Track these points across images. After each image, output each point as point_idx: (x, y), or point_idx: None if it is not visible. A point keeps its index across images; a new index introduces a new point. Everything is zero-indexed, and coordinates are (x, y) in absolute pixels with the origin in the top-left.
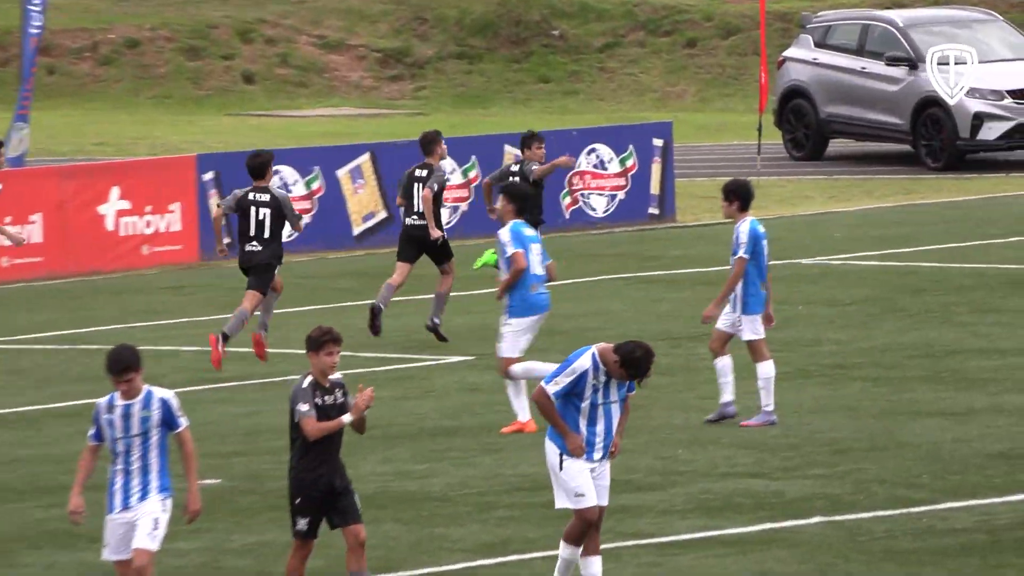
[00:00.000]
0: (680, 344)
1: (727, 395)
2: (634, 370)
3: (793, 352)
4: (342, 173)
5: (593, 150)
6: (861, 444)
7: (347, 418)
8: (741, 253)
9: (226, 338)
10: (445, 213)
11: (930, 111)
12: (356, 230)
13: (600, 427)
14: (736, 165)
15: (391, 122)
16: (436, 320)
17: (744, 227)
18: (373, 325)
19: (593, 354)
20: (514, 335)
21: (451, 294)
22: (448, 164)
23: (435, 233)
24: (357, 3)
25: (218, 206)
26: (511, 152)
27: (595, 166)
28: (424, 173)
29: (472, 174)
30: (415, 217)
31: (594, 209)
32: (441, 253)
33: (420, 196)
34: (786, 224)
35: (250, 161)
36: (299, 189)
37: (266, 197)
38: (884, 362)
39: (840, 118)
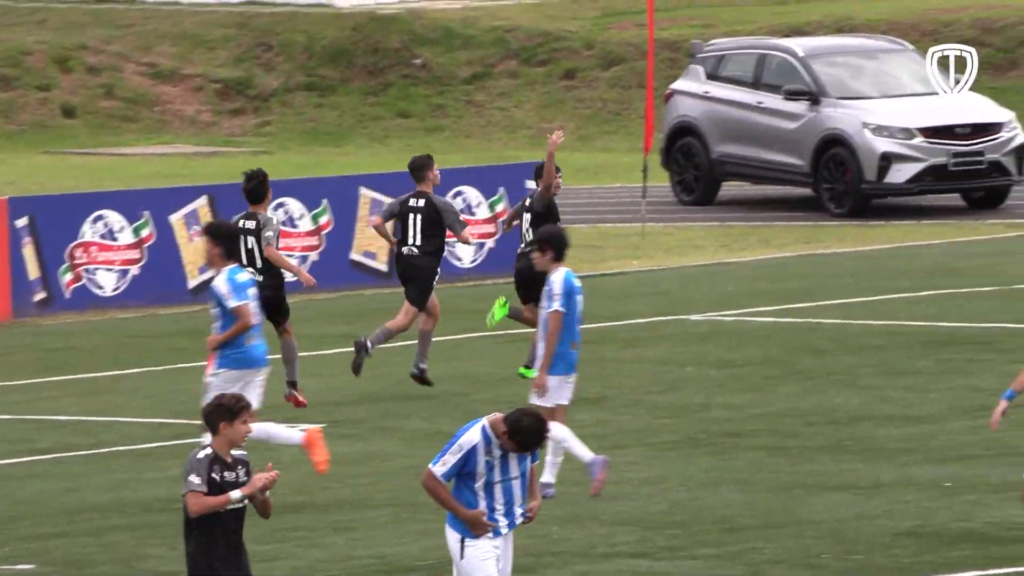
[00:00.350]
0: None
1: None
2: (523, 440)
3: (681, 418)
4: (175, 218)
5: (459, 193)
6: (755, 521)
7: (236, 494)
8: (556, 306)
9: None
10: (294, 262)
11: (833, 151)
12: (192, 283)
13: (500, 507)
14: (618, 210)
15: (232, 161)
16: (422, 366)
17: (558, 277)
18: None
19: (483, 427)
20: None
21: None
22: (296, 208)
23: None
24: (192, 27)
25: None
26: (368, 195)
27: (461, 211)
28: (421, 203)
29: (323, 219)
30: (411, 247)
31: (459, 259)
32: (424, 290)
33: (419, 230)
34: (674, 276)
35: (244, 184)
36: (126, 236)
37: (252, 224)
38: (782, 430)
39: (734, 158)
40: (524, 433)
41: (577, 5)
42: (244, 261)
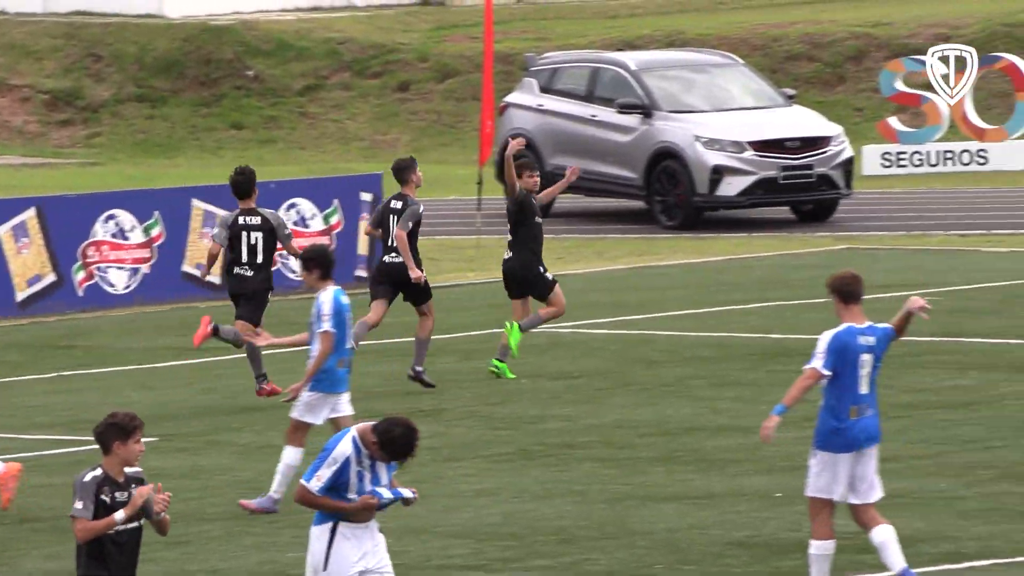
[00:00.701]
0: None
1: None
2: (393, 450)
3: (516, 430)
4: (3, 230)
5: (293, 205)
6: (589, 532)
7: (120, 515)
8: (326, 327)
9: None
10: (123, 275)
11: (665, 164)
12: (20, 295)
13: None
14: (454, 222)
15: (61, 173)
16: (418, 368)
17: (327, 297)
18: None
19: (353, 437)
20: None
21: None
22: (127, 220)
23: (415, 274)
24: (20, 37)
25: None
26: (201, 207)
27: (295, 223)
28: (399, 205)
29: (155, 231)
30: (392, 254)
31: (293, 271)
32: (420, 294)
33: (394, 233)
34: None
35: (232, 177)
36: None
37: (256, 220)
38: (615, 441)
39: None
40: (395, 442)
41: (411, 17)
42: (244, 257)
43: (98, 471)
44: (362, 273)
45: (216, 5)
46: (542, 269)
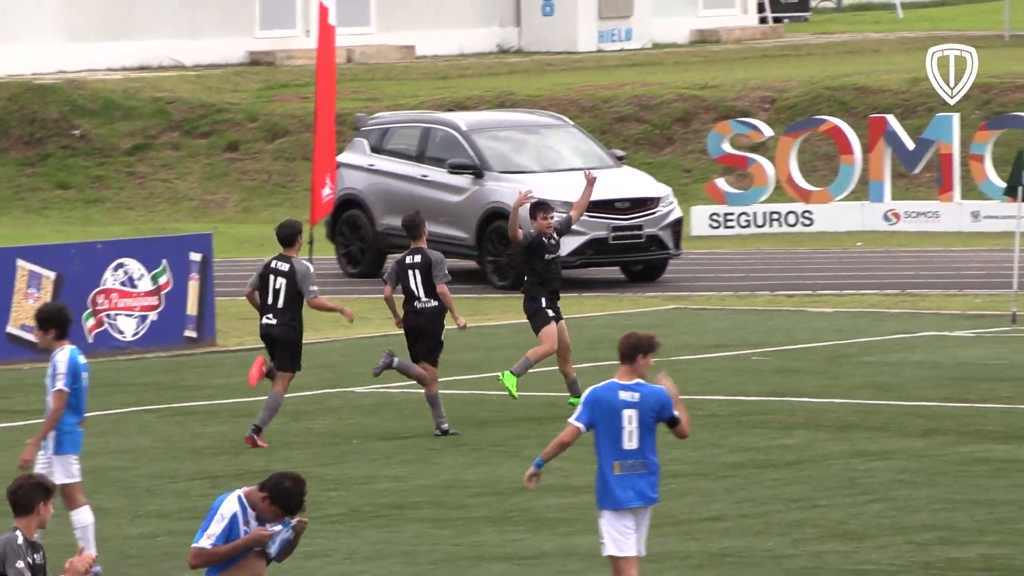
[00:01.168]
0: (220, 484)
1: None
2: (285, 503)
3: (347, 491)
4: None
5: (121, 265)
6: None
7: None
8: (60, 385)
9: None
10: None
11: (496, 224)
12: None
13: None
14: None
15: None
16: (443, 425)
17: (63, 357)
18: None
19: (239, 496)
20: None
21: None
22: None
23: (462, 321)
24: None
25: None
26: (26, 268)
27: (123, 283)
28: (418, 259)
29: None
30: (422, 302)
31: (122, 332)
32: (435, 350)
33: (420, 284)
34: (339, 348)
35: (279, 230)
36: None
37: (285, 267)
38: (447, 501)
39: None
40: (287, 496)
41: (239, 77)
42: (269, 300)
43: (18, 533)
44: (192, 333)
45: (41, 64)
46: (543, 304)
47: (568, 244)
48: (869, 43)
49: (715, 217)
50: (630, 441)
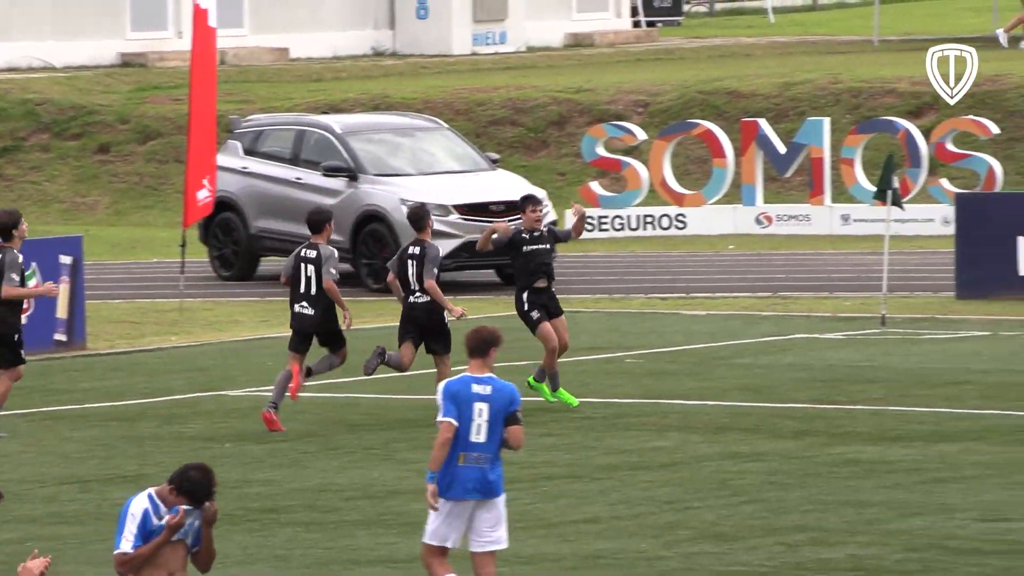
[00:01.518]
0: (91, 488)
1: None
2: (193, 493)
3: (219, 495)
4: None
5: None
6: None
7: None
8: None
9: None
10: None
11: (371, 227)
12: None
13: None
14: (156, 285)
15: None
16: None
17: None
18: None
19: (148, 494)
20: None
21: None
22: None
23: (457, 311)
24: None
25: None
26: None
27: None
28: (417, 251)
29: None
30: (418, 295)
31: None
32: (445, 342)
33: (415, 276)
34: (213, 351)
35: (308, 216)
36: None
37: (313, 254)
38: (319, 505)
39: (273, 233)
40: (194, 485)
41: (111, 79)
42: (301, 288)
43: None
44: (61, 337)
45: None
46: (526, 305)
47: (444, 247)
48: (741, 47)
49: (589, 220)
50: (478, 434)
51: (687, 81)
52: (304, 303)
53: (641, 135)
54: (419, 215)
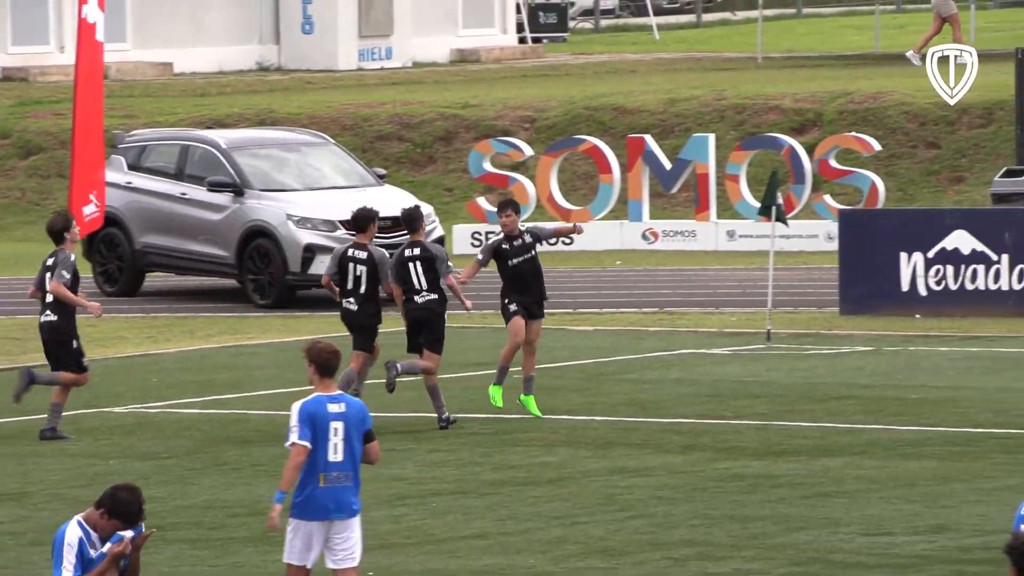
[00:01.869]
0: None
1: None
2: (125, 514)
3: None
4: None
5: None
6: None
7: None
8: None
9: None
10: None
11: (257, 242)
12: None
13: None
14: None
15: None
16: (444, 414)
17: None
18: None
19: (78, 521)
20: None
21: None
22: None
23: (468, 303)
24: None
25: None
26: None
27: None
28: (417, 251)
29: None
30: (424, 295)
31: None
32: (440, 339)
33: (419, 276)
34: (98, 368)
35: (354, 216)
36: None
37: (363, 255)
38: (206, 522)
39: (158, 249)
40: (125, 506)
41: None
42: (350, 286)
43: None
44: None
45: None
46: (506, 301)
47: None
48: (627, 64)
49: (477, 236)
50: (335, 453)
51: (573, 97)
52: (351, 299)
53: (528, 151)
54: (413, 216)
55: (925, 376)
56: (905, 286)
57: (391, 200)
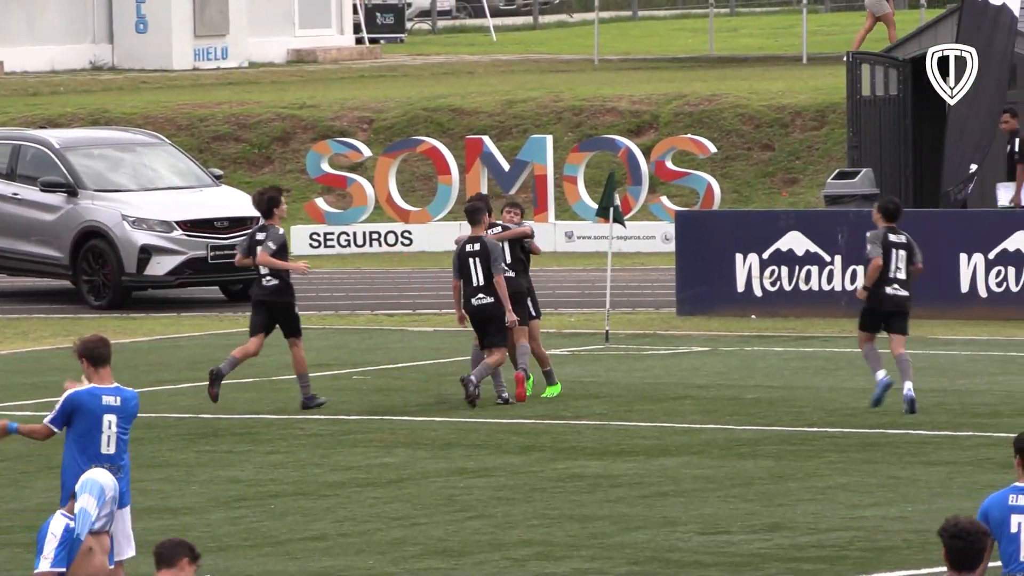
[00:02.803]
0: None
1: None
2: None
3: None
4: None
5: None
6: None
7: None
8: None
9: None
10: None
11: (92, 243)
12: None
13: None
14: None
15: None
16: (504, 394)
17: None
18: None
19: (62, 513)
20: None
21: None
22: None
23: (510, 318)
24: None
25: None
26: None
27: None
28: (477, 247)
29: None
30: (482, 296)
31: None
32: (504, 332)
33: (478, 273)
34: None
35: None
36: None
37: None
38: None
39: None
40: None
41: None
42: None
43: None
44: None
45: None
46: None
47: (167, 263)
48: (464, 65)
49: (315, 237)
50: (108, 446)
51: (411, 98)
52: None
53: (366, 152)
54: (474, 208)
55: (760, 376)
56: (741, 287)
57: (228, 201)
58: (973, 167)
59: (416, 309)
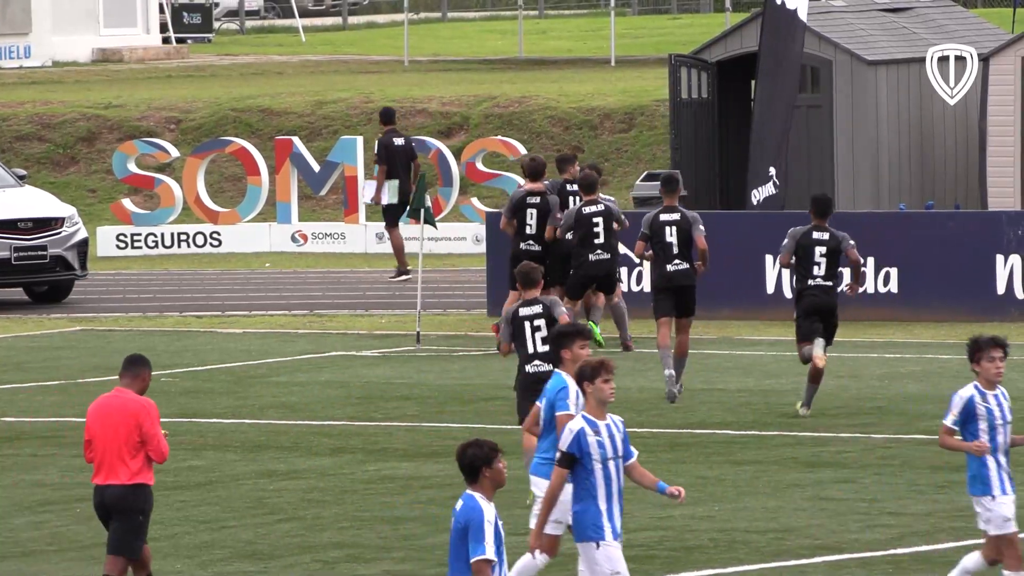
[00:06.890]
0: None
1: None
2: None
3: None
4: None
5: None
6: None
7: None
8: None
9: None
10: None
11: None
12: None
13: None
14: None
15: None
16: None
17: None
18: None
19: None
20: None
21: None
22: None
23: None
24: None
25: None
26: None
27: None
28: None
29: None
30: (600, 252)
31: None
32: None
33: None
34: None
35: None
36: None
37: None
38: None
39: None
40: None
41: None
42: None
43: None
44: None
45: None
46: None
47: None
48: (273, 65)
49: (122, 238)
50: None
51: (220, 98)
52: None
53: (174, 152)
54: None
55: None
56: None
57: (32, 201)
58: (772, 170)
59: (225, 311)
